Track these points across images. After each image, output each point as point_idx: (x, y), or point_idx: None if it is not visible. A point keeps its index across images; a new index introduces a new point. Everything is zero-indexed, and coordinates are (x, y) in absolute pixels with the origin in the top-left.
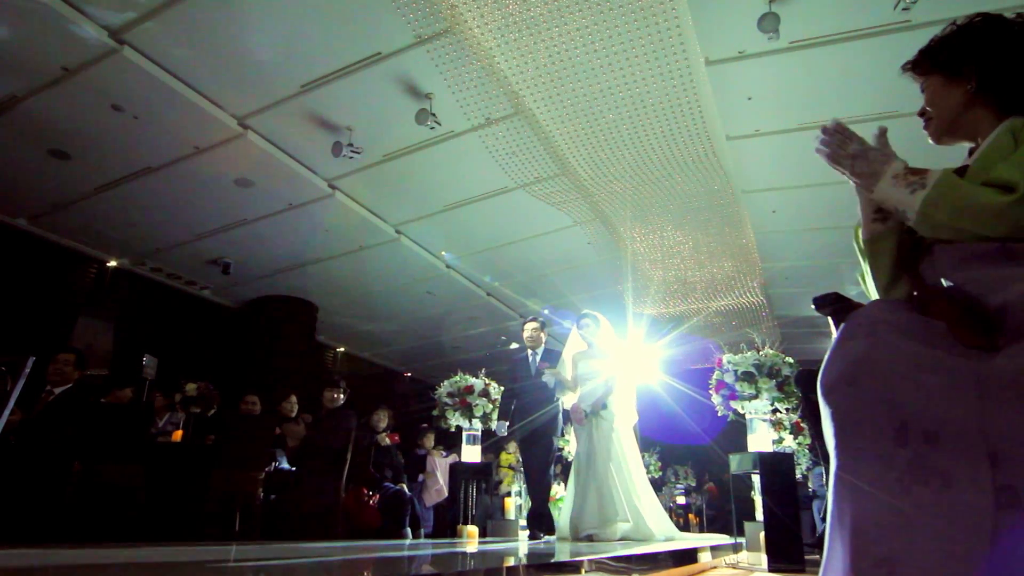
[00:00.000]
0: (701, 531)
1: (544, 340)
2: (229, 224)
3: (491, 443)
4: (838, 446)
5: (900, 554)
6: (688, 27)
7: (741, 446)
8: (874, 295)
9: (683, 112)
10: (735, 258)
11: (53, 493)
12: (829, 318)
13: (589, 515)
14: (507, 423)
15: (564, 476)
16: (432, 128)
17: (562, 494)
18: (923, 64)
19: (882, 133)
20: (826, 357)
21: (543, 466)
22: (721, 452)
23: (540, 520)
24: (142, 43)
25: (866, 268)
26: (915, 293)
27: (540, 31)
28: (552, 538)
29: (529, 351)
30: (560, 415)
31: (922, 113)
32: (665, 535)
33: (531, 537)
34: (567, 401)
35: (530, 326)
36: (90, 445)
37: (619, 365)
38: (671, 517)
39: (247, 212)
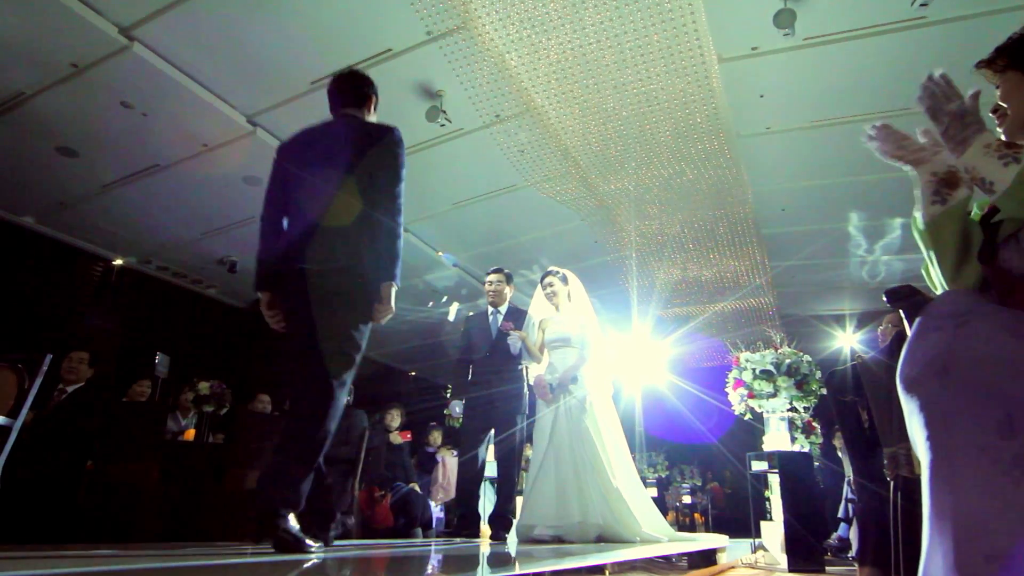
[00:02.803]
0: (707, 531)
1: (508, 297)
2: (237, 222)
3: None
4: (931, 438)
5: (1012, 549)
6: (702, 23)
7: (747, 445)
8: (939, 286)
9: (696, 109)
10: (743, 256)
11: (66, 492)
12: (901, 311)
13: (544, 508)
14: (462, 402)
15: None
16: (442, 125)
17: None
18: (998, 61)
19: (975, 96)
20: (905, 349)
21: (510, 452)
22: (726, 452)
23: (505, 521)
24: (152, 40)
25: (930, 257)
26: (989, 280)
27: (554, 27)
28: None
29: (490, 309)
30: (525, 387)
31: (995, 110)
32: (651, 534)
33: (494, 538)
34: (531, 373)
35: (493, 278)
36: (106, 443)
37: (592, 331)
38: (677, 517)
39: (255, 210)
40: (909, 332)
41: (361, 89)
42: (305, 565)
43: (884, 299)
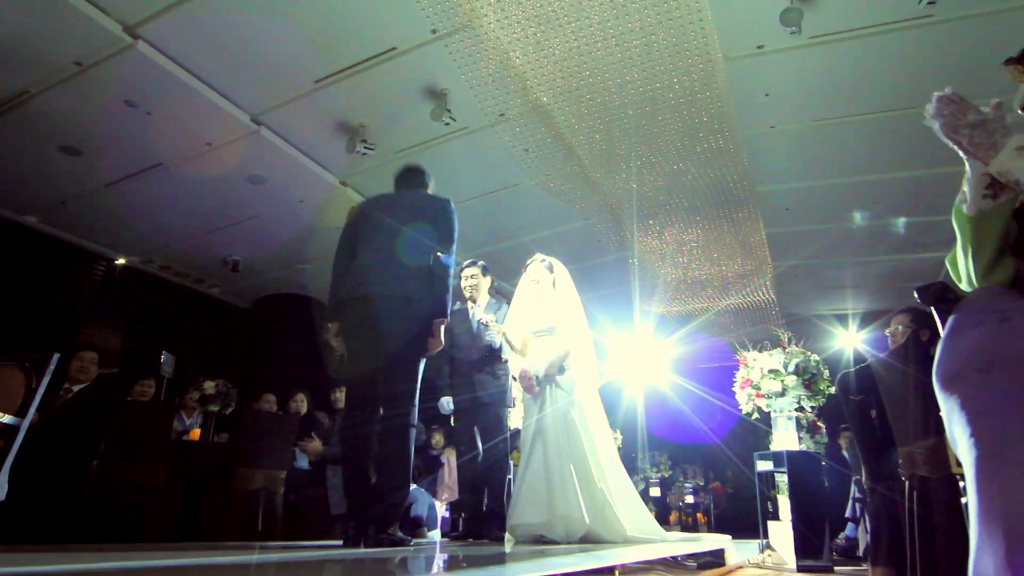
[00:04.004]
0: (709, 531)
1: (486, 289)
2: (240, 221)
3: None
4: (976, 436)
5: None
6: (708, 21)
7: (750, 445)
8: (967, 278)
9: (701, 108)
10: (746, 256)
11: (72, 492)
12: (932, 308)
13: (529, 507)
14: (450, 398)
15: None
16: (447, 124)
17: None
18: None
19: (997, 106)
20: (942, 346)
21: (497, 449)
22: (728, 451)
23: (497, 520)
24: (156, 38)
25: (966, 248)
26: (1022, 275)
27: (560, 25)
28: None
29: (469, 304)
30: (509, 381)
31: None
32: (637, 536)
33: (490, 538)
34: (514, 366)
35: (468, 272)
36: (113, 443)
37: (577, 320)
38: (680, 517)
39: (258, 209)
40: (941, 329)
41: (421, 178)
42: (317, 565)
43: (915, 295)
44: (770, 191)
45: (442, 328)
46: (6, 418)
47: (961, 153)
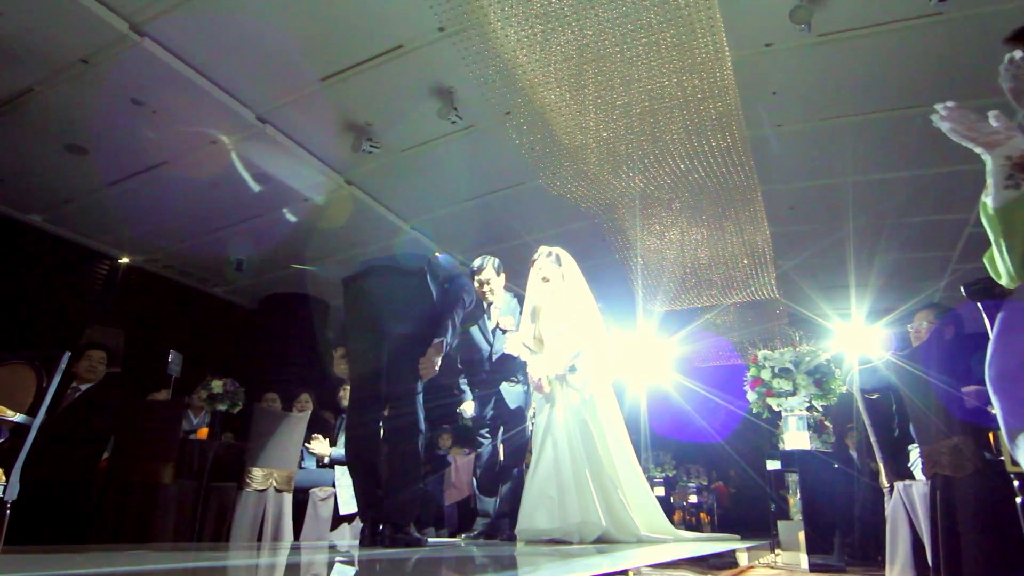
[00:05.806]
0: (712, 530)
1: (501, 290)
2: (244, 220)
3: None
4: None
5: None
6: (716, 19)
7: (754, 445)
8: (1007, 274)
9: (707, 106)
10: (750, 255)
11: (80, 492)
12: (979, 304)
13: (542, 508)
14: (472, 403)
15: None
16: (453, 122)
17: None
18: None
19: None
20: (994, 344)
21: (516, 449)
22: (731, 451)
23: (511, 520)
24: (162, 36)
25: (999, 243)
26: None
27: (567, 23)
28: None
29: (484, 304)
30: (529, 381)
31: None
32: (650, 536)
33: (504, 538)
34: (530, 366)
35: (484, 276)
36: (122, 442)
37: (588, 315)
38: (683, 516)
39: (262, 208)
40: (989, 326)
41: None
42: (331, 564)
43: (962, 291)
44: (775, 190)
45: (439, 347)
46: (17, 417)
47: (977, 149)
